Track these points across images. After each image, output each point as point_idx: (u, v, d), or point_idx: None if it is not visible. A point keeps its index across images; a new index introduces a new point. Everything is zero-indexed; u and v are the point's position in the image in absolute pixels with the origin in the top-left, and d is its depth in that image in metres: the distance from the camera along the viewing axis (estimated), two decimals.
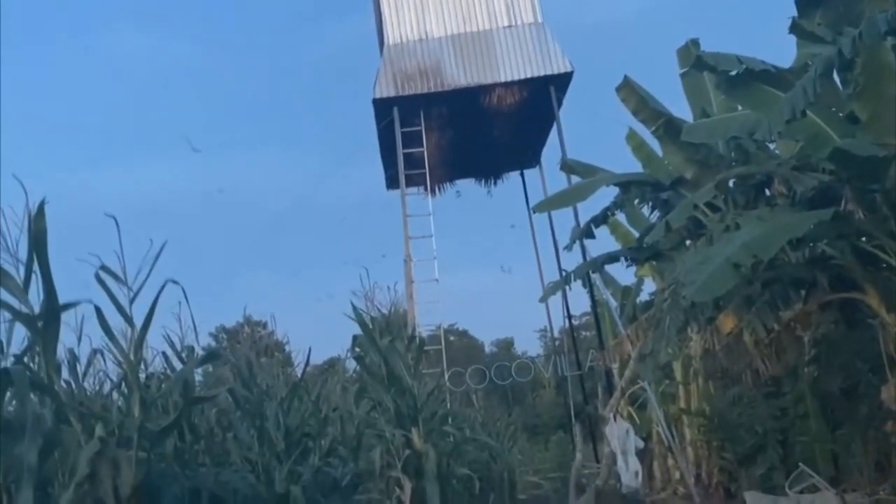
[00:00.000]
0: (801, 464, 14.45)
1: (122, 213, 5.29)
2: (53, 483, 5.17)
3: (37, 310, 4.72)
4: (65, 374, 5.85)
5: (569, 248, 22.04)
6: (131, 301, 5.31)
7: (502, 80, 26.24)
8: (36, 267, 4.68)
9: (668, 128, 17.40)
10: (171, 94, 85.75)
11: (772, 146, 16.03)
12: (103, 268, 5.21)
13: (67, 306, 4.81)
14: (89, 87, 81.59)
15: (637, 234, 20.55)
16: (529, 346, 61.53)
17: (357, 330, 8.71)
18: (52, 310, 4.70)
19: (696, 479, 17.85)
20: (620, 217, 21.12)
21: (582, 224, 21.25)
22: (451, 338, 45.84)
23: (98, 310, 5.13)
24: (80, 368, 6.16)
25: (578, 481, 9.26)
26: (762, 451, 15.37)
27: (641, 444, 16.09)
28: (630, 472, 9.72)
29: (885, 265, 12.38)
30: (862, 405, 13.88)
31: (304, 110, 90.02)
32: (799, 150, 14.11)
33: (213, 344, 18.69)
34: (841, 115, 12.78)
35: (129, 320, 5.35)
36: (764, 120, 12.17)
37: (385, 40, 26.66)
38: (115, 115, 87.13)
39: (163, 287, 5.24)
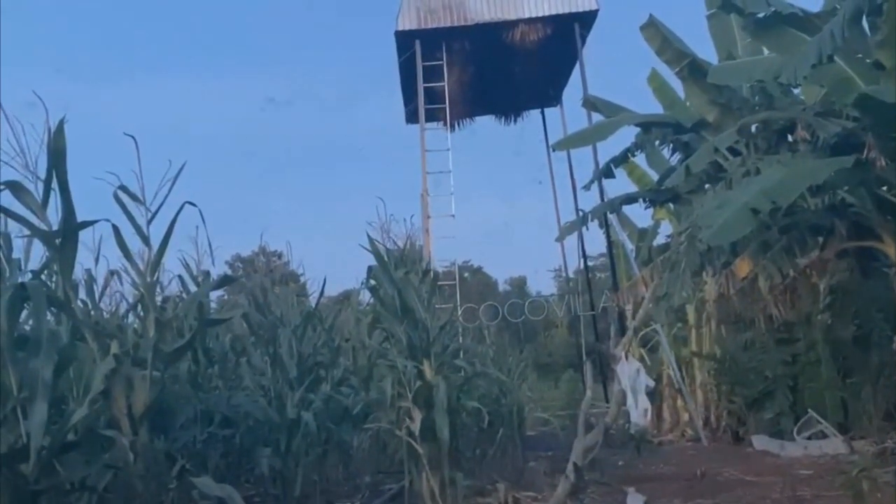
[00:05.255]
0: (809, 410, 14.52)
1: (142, 134, 5.29)
2: (68, 399, 5.25)
3: (55, 227, 4.75)
4: (81, 294, 5.91)
5: (587, 187, 22.00)
6: (149, 222, 5.34)
7: (526, 16, 25.97)
8: (55, 184, 4.69)
9: (692, 69, 17.24)
10: (192, 15, 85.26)
11: (796, 91, 15.90)
12: (121, 187, 5.23)
13: (85, 224, 4.83)
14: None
15: (654, 176, 20.49)
16: (543, 285, 61.77)
17: (372, 262, 8.71)
18: (71, 227, 4.71)
19: (705, 421, 17.95)
20: (637, 160, 21.05)
21: (601, 164, 21.19)
22: (466, 274, 46.05)
23: (116, 229, 5.16)
24: (97, 289, 6.22)
25: (587, 419, 9.30)
26: (772, 396, 15.41)
27: (652, 384, 16.16)
28: (639, 411, 9.74)
29: None
30: (874, 354, 13.89)
31: (325, 40, 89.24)
32: (823, 95, 14.01)
33: (229, 272, 18.81)
34: (868, 61, 12.63)
35: (146, 240, 5.38)
36: (790, 63, 12.05)
37: None
38: (137, 34, 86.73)
39: (181, 208, 5.26)
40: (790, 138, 15.28)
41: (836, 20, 11.05)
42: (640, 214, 26.96)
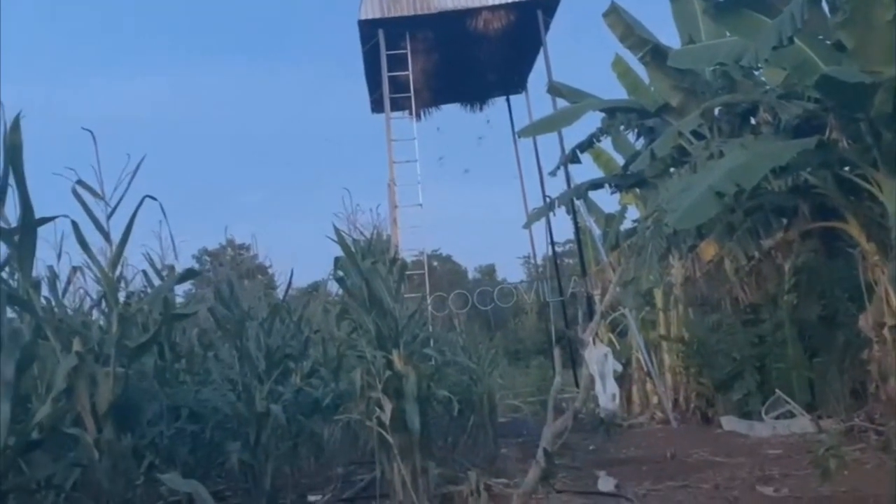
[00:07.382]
0: (777, 390, 14.64)
1: (101, 129, 5.22)
2: (31, 397, 5.19)
3: (13, 224, 4.68)
4: (44, 291, 5.83)
5: (553, 173, 22.08)
6: (109, 217, 5.28)
7: (489, 3, 25.87)
8: (12, 180, 4.63)
9: (655, 54, 17.30)
10: (151, 8, 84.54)
11: (758, 74, 15.99)
12: (79, 182, 5.16)
13: (44, 220, 4.76)
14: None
15: (620, 161, 20.58)
16: (512, 272, 61.83)
17: (339, 252, 8.65)
18: (29, 224, 4.65)
19: (674, 404, 18.07)
20: (603, 145, 21.15)
21: (567, 150, 21.24)
22: (435, 263, 45.94)
23: (75, 224, 5.09)
24: (60, 286, 6.15)
25: (557, 404, 9.31)
26: (739, 377, 15.52)
27: (620, 368, 16.17)
28: (607, 395, 9.74)
29: (866, 194, 12.44)
30: (840, 333, 14.01)
31: (289, 30, 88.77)
32: (785, 77, 14.09)
33: (196, 266, 18.68)
34: (828, 42, 12.72)
35: (106, 235, 5.32)
36: (751, 46, 12.11)
37: None
38: (92, 29, 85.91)
39: (141, 202, 5.20)
40: (753, 121, 15.39)
41: (796, 2, 11.11)
42: (606, 200, 27.09)
